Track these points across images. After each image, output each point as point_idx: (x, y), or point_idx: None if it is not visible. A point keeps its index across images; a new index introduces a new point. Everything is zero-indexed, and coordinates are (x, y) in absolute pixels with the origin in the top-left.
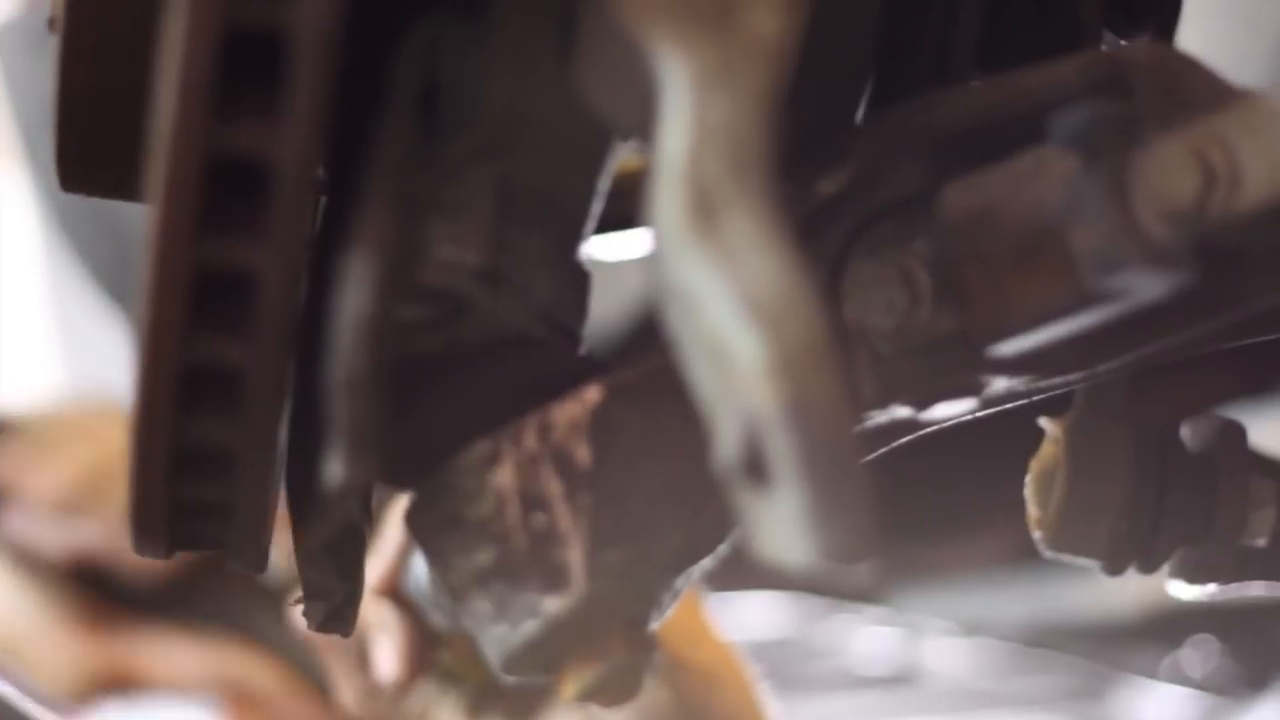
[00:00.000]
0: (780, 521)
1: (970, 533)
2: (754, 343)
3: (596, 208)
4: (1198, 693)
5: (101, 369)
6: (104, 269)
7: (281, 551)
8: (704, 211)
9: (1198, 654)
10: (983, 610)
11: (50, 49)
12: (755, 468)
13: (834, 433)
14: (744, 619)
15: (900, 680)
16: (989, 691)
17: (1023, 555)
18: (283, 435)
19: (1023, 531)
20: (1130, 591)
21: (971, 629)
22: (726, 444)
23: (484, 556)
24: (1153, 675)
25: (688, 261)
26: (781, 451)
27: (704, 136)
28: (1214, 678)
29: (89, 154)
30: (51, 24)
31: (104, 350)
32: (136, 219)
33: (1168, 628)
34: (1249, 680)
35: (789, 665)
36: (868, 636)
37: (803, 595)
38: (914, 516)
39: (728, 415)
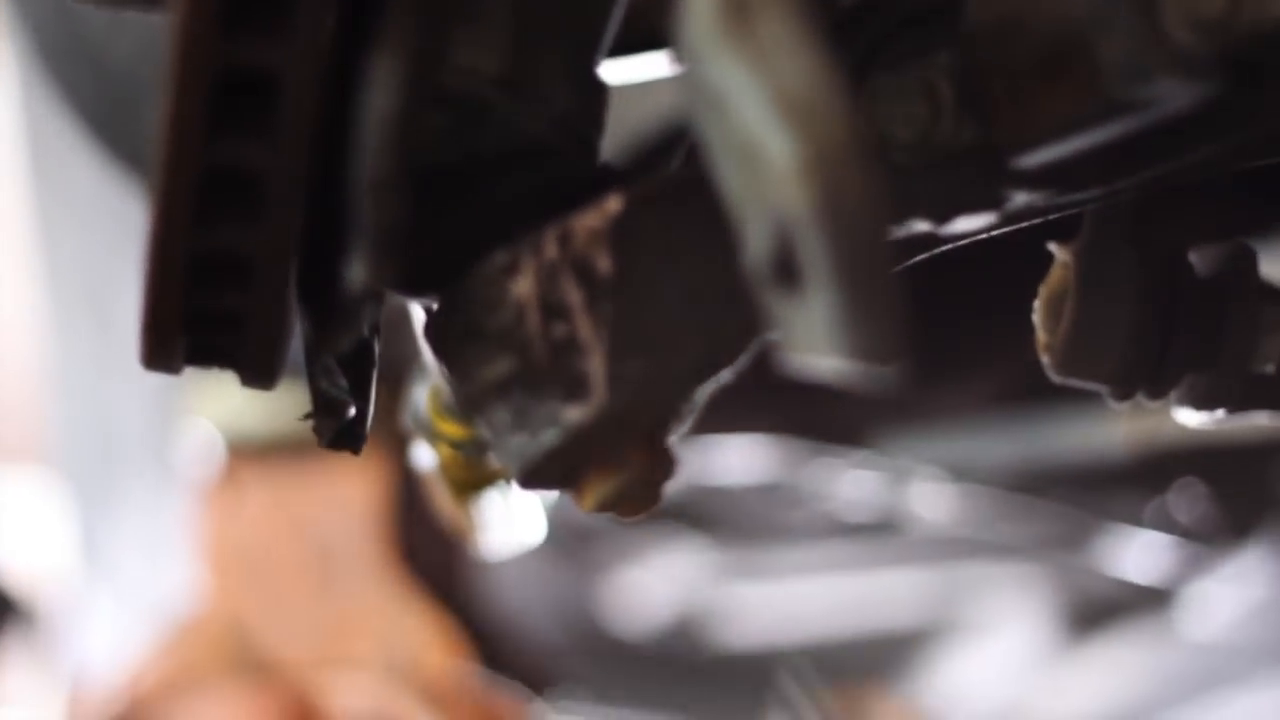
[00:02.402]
0: (811, 323)
1: (958, 375)
2: (786, 141)
3: (616, 18)
4: (1181, 541)
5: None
6: (89, 109)
7: None
8: (737, 10)
9: (1183, 499)
10: (968, 455)
11: None
12: (786, 270)
13: (867, 233)
14: (726, 464)
15: (884, 527)
16: (973, 539)
17: (1011, 399)
18: (300, 242)
19: (1011, 375)
20: (1118, 435)
21: (957, 474)
22: (756, 246)
23: (504, 366)
24: (1137, 521)
25: (719, 60)
26: (813, 252)
27: None
28: (1199, 523)
29: None
30: None
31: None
32: (123, 56)
33: (1154, 472)
34: (1234, 526)
35: (772, 511)
36: (852, 482)
37: (786, 439)
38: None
39: (758, 217)
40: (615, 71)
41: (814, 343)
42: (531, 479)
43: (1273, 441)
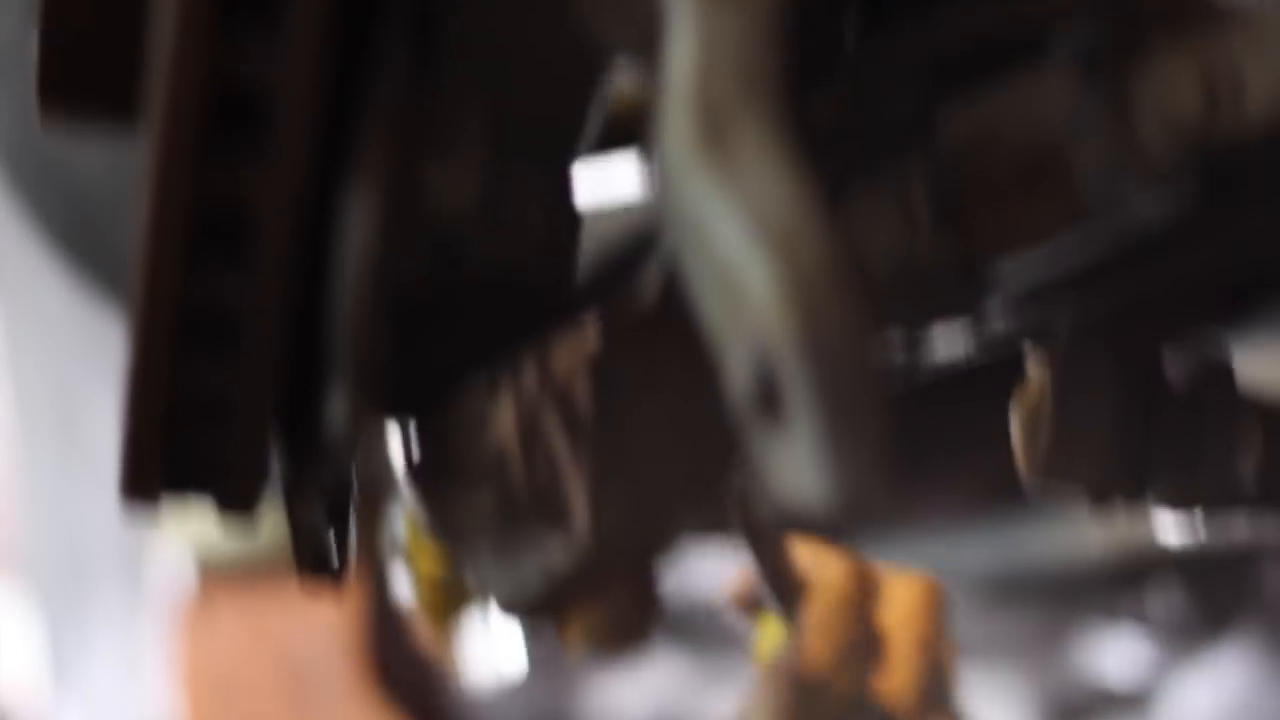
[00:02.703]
0: (795, 459)
1: (938, 478)
2: (765, 267)
3: (588, 141)
4: (1157, 639)
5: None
6: (56, 224)
7: None
8: (713, 132)
9: (1160, 598)
10: (945, 558)
11: None
12: (769, 402)
13: (851, 364)
14: (702, 573)
15: None
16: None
17: (989, 502)
18: (280, 376)
19: (990, 478)
20: (1094, 538)
21: (933, 577)
22: (739, 377)
23: (485, 499)
24: (1114, 620)
25: (696, 184)
26: (795, 384)
27: (712, 55)
28: (1175, 622)
29: (74, 77)
30: None
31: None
32: (90, 171)
33: (1130, 572)
34: (1211, 623)
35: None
36: None
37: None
38: None
39: (738, 347)
40: (588, 194)
41: (798, 478)
42: (516, 611)
43: (1248, 540)
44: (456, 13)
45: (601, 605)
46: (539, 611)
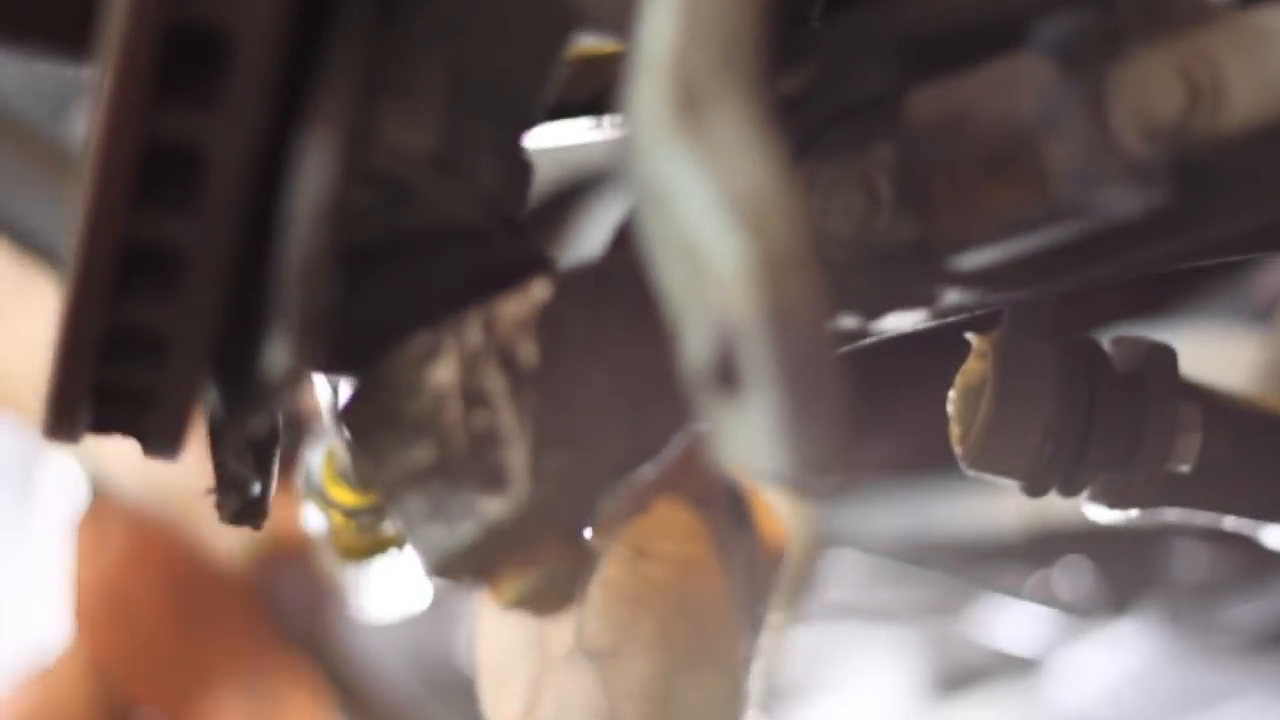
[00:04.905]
0: (751, 430)
1: (857, 436)
2: (735, 244)
3: (547, 96)
4: (1059, 613)
5: None
6: None
7: None
8: (688, 106)
9: (1067, 575)
10: (855, 522)
11: None
12: (726, 374)
13: (813, 342)
14: None
15: None
16: (847, 604)
17: (905, 467)
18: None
19: (908, 442)
20: (1009, 510)
21: (839, 541)
22: (696, 348)
23: (421, 454)
24: (1018, 594)
25: (668, 157)
26: (758, 359)
27: (691, 28)
28: (1081, 599)
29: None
30: None
31: None
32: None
33: (1041, 548)
34: (1114, 603)
35: None
36: None
37: None
38: None
39: (699, 318)
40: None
41: (753, 451)
42: (446, 572)
43: (1161, 522)
44: None
45: (533, 565)
46: (470, 570)
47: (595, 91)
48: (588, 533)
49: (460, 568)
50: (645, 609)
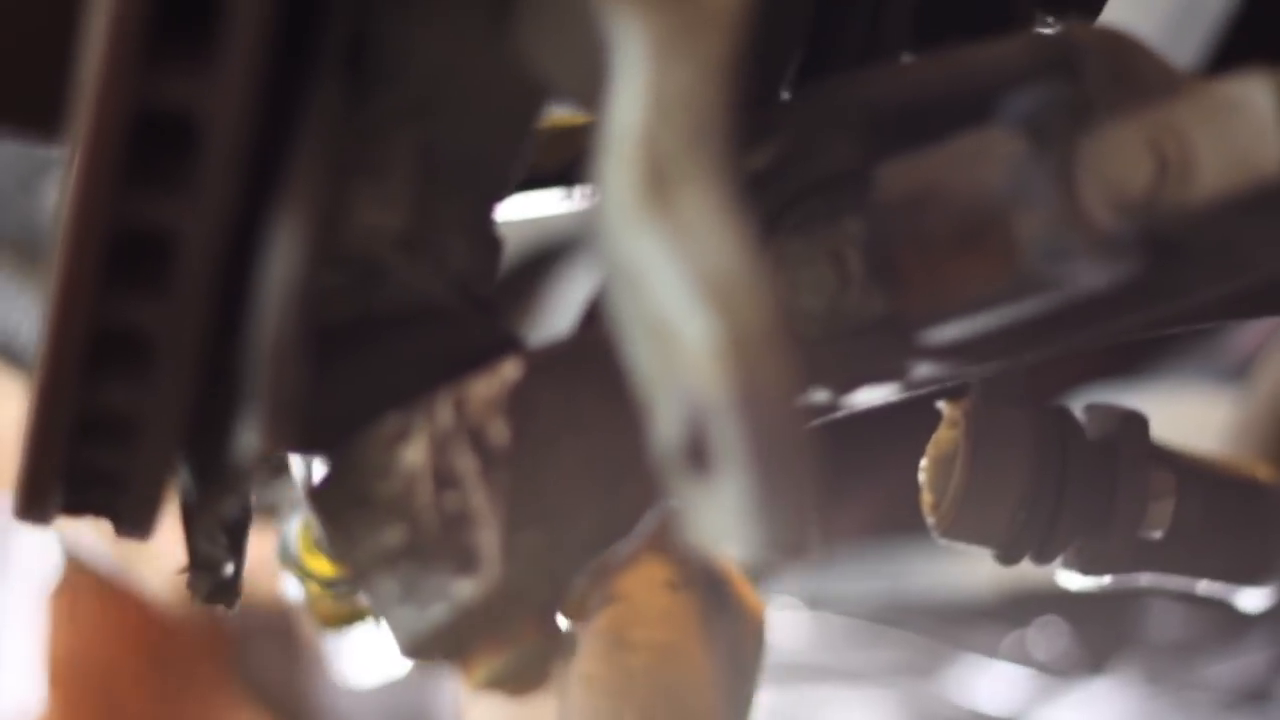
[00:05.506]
0: (721, 510)
1: (834, 503)
2: (704, 324)
3: (518, 173)
4: (1032, 672)
5: None
6: None
7: None
8: (657, 185)
9: (1043, 635)
10: (830, 584)
11: None
12: (697, 454)
13: (783, 423)
14: None
15: None
16: (822, 666)
17: (878, 530)
18: (189, 403)
19: (880, 506)
20: (983, 572)
21: (815, 602)
22: (667, 427)
23: (393, 535)
24: (994, 654)
25: (637, 236)
26: (727, 439)
27: (660, 107)
28: (1057, 659)
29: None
30: None
31: None
32: None
33: (1017, 608)
34: (1090, 663)
35: None
36: None
37: None
38: None
39: (670, 397)
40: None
41: (724, 530)
42: (418, 653)
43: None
44: (390, 42)
45: (506, 646)
46: (443, 651)
47: (566, 161)
48: (560, 618)
49: (432, 649)
50: (628, 702)
